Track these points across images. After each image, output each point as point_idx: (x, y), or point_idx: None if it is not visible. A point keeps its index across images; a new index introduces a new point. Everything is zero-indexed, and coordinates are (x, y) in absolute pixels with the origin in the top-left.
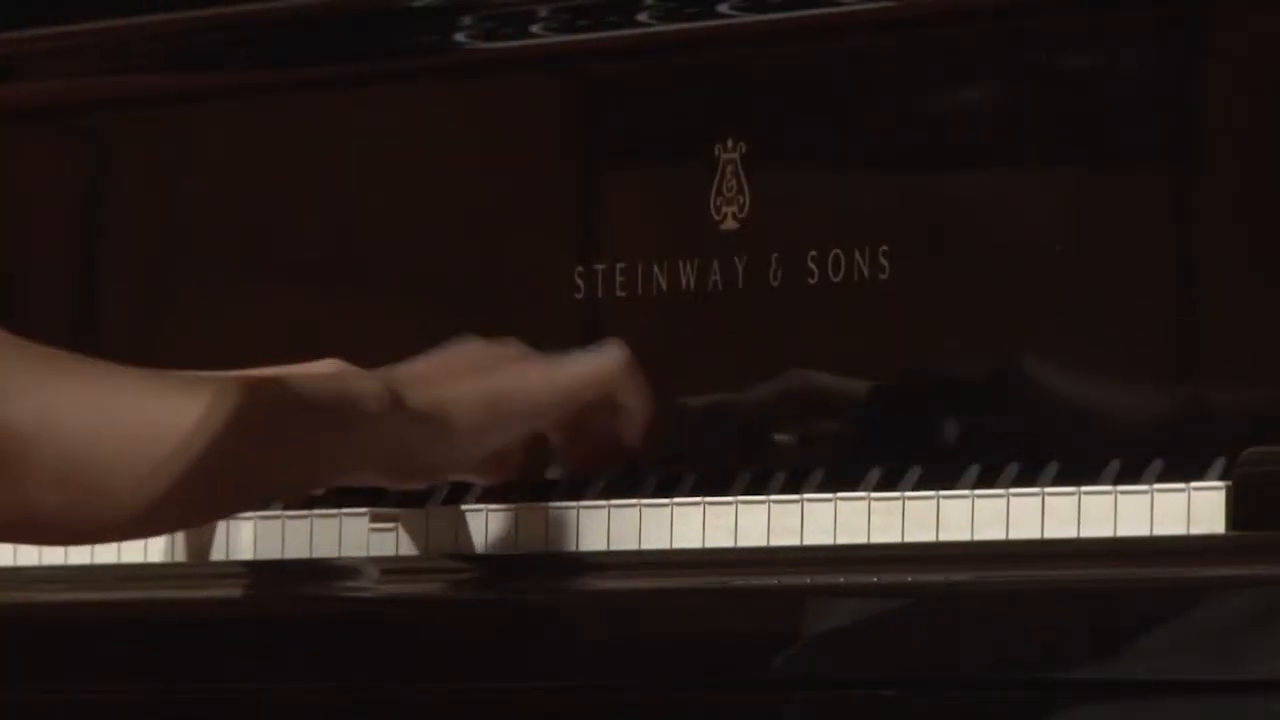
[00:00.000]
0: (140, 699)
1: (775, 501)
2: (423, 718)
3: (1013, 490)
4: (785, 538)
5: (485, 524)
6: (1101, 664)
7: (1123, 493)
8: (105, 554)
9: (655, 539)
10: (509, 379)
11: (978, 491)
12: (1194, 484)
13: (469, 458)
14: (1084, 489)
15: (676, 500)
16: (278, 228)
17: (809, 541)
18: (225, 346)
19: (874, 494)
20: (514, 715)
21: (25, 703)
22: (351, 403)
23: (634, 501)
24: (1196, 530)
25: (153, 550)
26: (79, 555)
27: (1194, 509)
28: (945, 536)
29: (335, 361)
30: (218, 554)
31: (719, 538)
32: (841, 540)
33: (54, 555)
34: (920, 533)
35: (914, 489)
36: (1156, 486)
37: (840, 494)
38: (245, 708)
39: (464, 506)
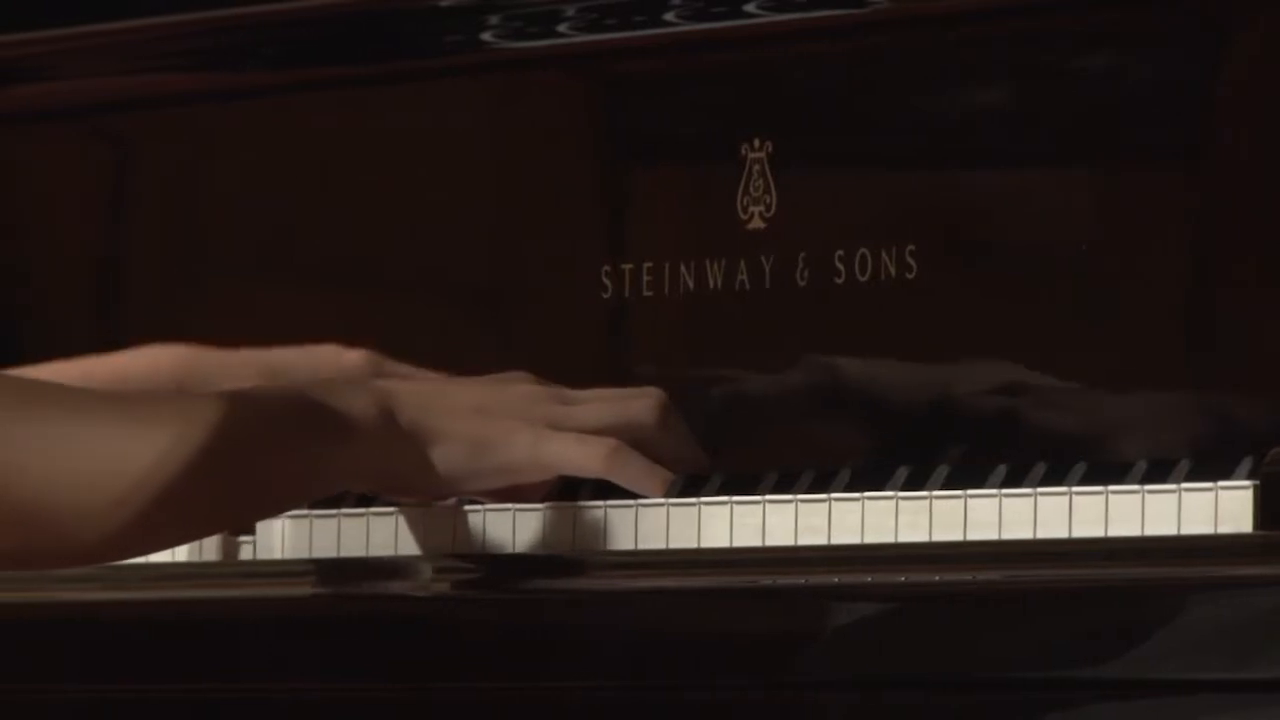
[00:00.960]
0: (154, 698)
1: (802, 501)
2: (447, 715)
3: (1040, 490)
4: (812, 537)
5: (512, 524)
6: (1129, 663)
7: (1150, 492)
8: None
9: (682, 538)
10: (496, 434)
11: (1005, 491)
12: (1221, 483)
13: (452, 490)
14: (1111, 488)
15: (704, 500)
16: (301, 228)
17: (836, 541)
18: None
19: (901, 493)
20: (541, 714)
21: (33, 703)
22: (333, 418)
23: (661, 501)
24: (1224, 529)
25: (179, 550)
26: None
27: (1221, 508)
28: (973, 536)
29: (334, 347)
30: (244, 554)
31: (746, 537)
32: (869, 540)
33: None
34: (948, 532)
35: (941, 488)
36: (1184, 486)
37: (868, 494)
38: (265, 708)
39: (490, 506)
